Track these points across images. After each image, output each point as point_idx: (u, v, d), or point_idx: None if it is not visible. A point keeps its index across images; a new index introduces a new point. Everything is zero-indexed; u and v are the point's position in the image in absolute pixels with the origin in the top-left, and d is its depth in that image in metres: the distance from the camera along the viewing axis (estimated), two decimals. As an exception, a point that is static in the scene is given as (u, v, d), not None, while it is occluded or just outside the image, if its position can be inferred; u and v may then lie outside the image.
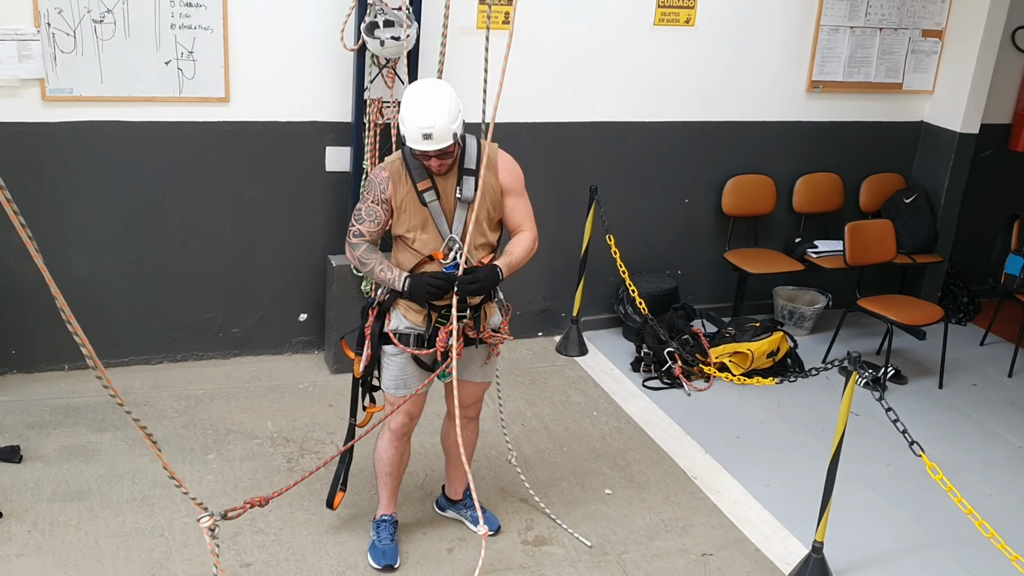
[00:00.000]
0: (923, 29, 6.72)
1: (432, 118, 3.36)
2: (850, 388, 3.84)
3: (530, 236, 3.73)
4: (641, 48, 6.00)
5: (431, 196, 3.57)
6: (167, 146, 5.18)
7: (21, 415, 4.91)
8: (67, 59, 4.82)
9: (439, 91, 3.44)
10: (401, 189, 3.59)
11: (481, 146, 3.62)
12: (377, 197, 3.62)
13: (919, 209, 6.82)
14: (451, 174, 3.58)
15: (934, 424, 5.61)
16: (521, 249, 3.69)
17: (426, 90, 3.47)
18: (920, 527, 4.62)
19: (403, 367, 3.75)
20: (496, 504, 4.42)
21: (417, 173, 3.57)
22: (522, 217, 3.74)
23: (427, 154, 3.44)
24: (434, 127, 3.36)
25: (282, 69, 5.26)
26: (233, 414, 5.11)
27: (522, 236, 3.73)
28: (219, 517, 3.09)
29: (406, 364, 3.75)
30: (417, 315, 3.67)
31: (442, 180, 3.58)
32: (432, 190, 3.57)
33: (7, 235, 4.92)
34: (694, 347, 5.93)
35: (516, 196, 3.72)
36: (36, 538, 3.99)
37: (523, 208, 3.75)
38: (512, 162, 3.72)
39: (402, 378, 3.76)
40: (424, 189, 3.57)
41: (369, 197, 3.63)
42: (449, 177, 3.58)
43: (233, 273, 5.55)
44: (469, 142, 3.60)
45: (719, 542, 4.38)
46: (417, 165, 3.56)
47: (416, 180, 3.57)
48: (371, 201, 3.63)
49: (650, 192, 6.39)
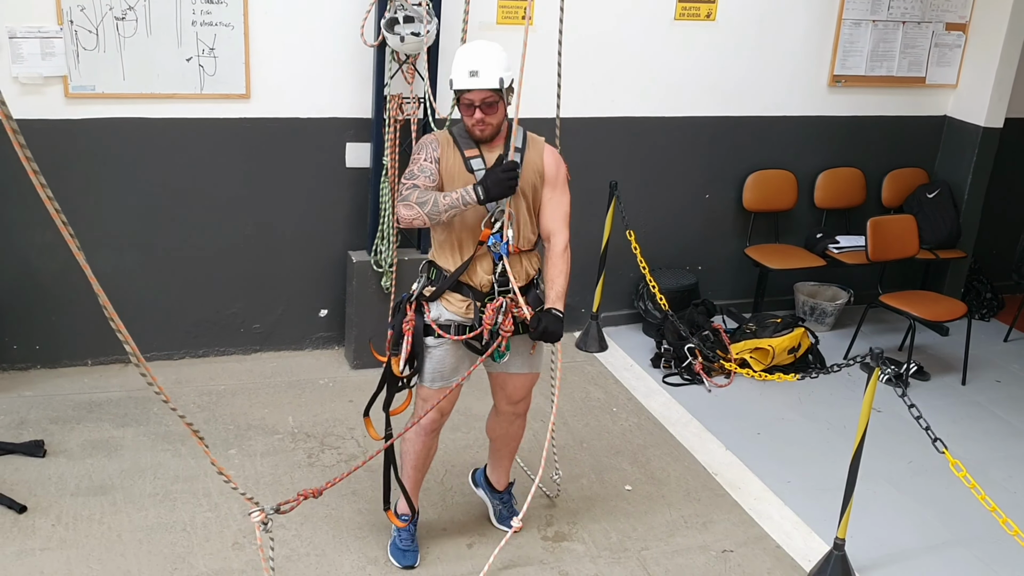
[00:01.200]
0: (946, 22, 6.65)
1: (481, 58, 3.42)
2: (872, 384, 3.82)
3: (563, 250, 3.67)
4: (662, 43, 5.98)
5: (479, 164, 3.57)
6: (188, 143, 5.21)
7: (45, 410, 4.96)
8: (90, 56, 4.85)
9: (491, 44, 3.51)
10: (450, 155, 3.61)
11: (527, 134, 3.67)
12: (430, 155, 3.61)
13: (942, 204, 6.76)
14: (497, 146, 3.57)
15: (957, 421, 5.57)
16: (564, 271, 3.65)
17: (477, 43, 3.54)
18: (943, 524, 4.59)
19: (442, 359, 3.72)
20: (516, 500, 4.42)
21: (464, 142, 3.60)
22: (559, 220, 3.68)
23: (472, 103, 3.45)
24: (482, 65, 3.40)
25: (302, 65, 5.27)
26: (254, 409, 5.13)
27: (556, 259, 3.66)
28: (271, 511, 3.01)
29: (445, 356, 3.71)
30: (460, 304, 3.65)
31: (488, 151, 3.59)
32: (480, 159, 3.58)
33: (31, 233, 5.01)
34: (714, 343, 5.91)
35: (555, 189, 3.67)
36: (60, 532, 4.03)
37: (561, 208, 3.68)
38: (557, 155, 3.71)
39: (440, 370, 3.72)
40: (471, 156, 3.58)
41: (421, 156, 3.62)
42: (495, 148, 3.58)
43: (254, 269, 5.58)
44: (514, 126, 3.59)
45: (740, 539, 4.36)
46: (463, 135, 3.59)
47: (463, 148, 3.59)
48: (423, 159, 3.61)
49: (670, 188, 6.37)
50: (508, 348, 3.66)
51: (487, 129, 3.52)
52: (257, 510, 2.95)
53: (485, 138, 3.56)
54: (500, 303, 3.58)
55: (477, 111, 3.47)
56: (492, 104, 3.46)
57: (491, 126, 3.52)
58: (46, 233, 5.00)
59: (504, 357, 3.67)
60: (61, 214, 2.00)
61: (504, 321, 3.58)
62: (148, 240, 5.30)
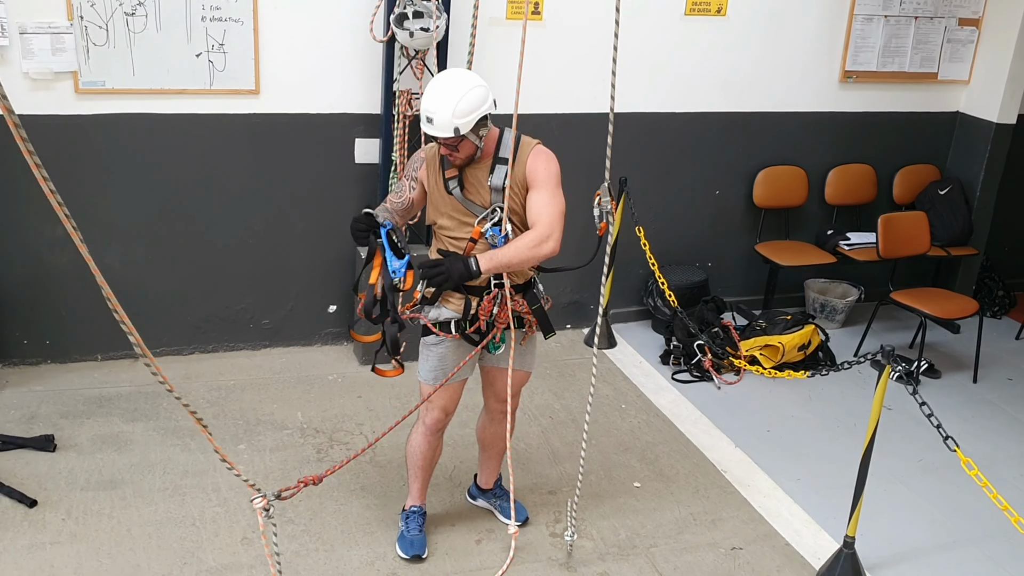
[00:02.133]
0: (959, 18, 6.61)
1: (436, 105, 3.37)
2: (883, 382, 3.80)
3: (532, 234, 3.46)
4: (672, 38, 5.95)
5: (454, 184, 3.59)
6: (198, 138, 5.21)
7: (55, 405, 4.97)
8: (100, 52, 4.86)
9: (456, 82, 3.42)
10: (432, 174, 3.64)
11: (521, 140, 3.58)
12: (409, 173, 3.71)
13: (954, 201, 6.73)
14: (482, 165, 3.56)
15: (968, 419, 5.54)
16: (514, 245, 3.46)
17: (445, 78, 3.47)
18: (953, 523, 4.57)
19: (443, 357, 3.75)
20: (524, 496, 4.42)
21: (447, 161, 3.59)
22: (537, 211, 3.50)
23: (436, 140, 3.48)
24: (436, 114, 3.37)
25: (312, 61, 5.27)
26: (263, 405, 5.14)
27: (525, 233, 3.50)
28: (272, 498, 3.04)
29: (446, 354, 3.74)
30: (459, 302, 3.65)
31: (473, 170, 3.58)
32: (456, 179, 3.59)
33: (41, 227, 5.02)
34: (724, 340, 5.89)
35: (537, 190, 3.53)
36: (70, 526, 4.04)
37: (540, 201, 3.51)
38: (544, 156, 3.57)
39: (441, 368, 3.75)
40: (450, 177, 3.60)
41: (403, 172, 3.74)
42: (480, 168, 3.57)
43: (263, 264, 5.58)
44: (506, 135, 3.57)
45: (749, 536, 4.35)
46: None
47: (445, 167, 3.60)
48: (405, 175, 3.73)
49: (680, 184, 6.35)
50: (503, 339, 3.71)
51: (456, 160, 3.53)
52: (259, 496, 3.00)
53: (459, 166, 3.56)
54: (496, 294, 3.61)
55: (443, 147, 3.49)
56: (453, 145, 3.45)
57: (459, 158, 3.51)
58: (56, 228, 5.01)
59: (499, 349, 3.74)
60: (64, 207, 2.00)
61: (500, 312, 3.62)
62: (157, 235, 5.31)
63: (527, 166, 3.54)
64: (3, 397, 5.01)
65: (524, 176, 3.55)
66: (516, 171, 3.54)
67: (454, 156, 3.50)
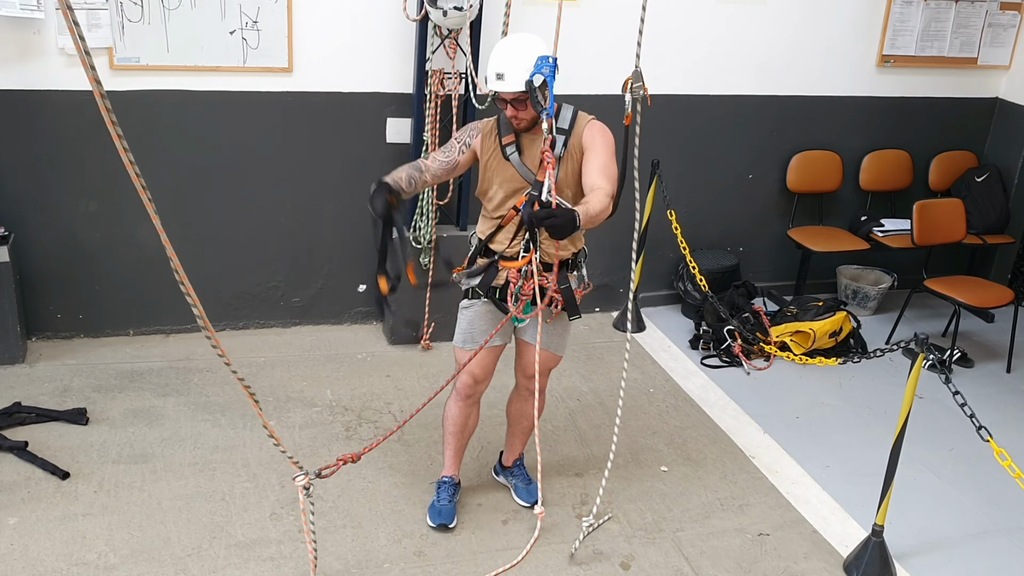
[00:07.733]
0: (1001, 2, 6.50)
1: (507, 61, 3.44)
2: (916, 370, 3.75)
3: (603, 193, 3.41)
4: (707, 20, 5.89)
5: (511, 149, 3.64)
6: (231, 115, 5.23)
7: (88, 378, 5.03)
8: (134, 28, 4.88)
9: (523, 40, 3.51)
10: (488, 144, 3.69)
11: (577, 114, 3.66)
12: (463, 138, 3.74)
13: (991, 188, 6.63)
14: (539, 133, 3.54)
15: (1001, 409, 5.47)
16: (596, 201, 3.35)
17: (514, 38, 3.55)
18: (984, 513, 4.52)
19: (472, 320, 3.82)
20: (551, 478, 4.42)
21: (505, 128, 3.65)
22: (596, 172, 3.50)
23: (504, 99, 3.50)
24: (507, 69, 3.42)
25: (345, 39, 5.26)
26: (293, 382, 5.17)
27: (596, 191, 3.46)
28: (314, 476, 3.14)
29: (475, 318, 3.81)
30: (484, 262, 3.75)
31: (529, 139, 3.62)
32: (514, 144, 3.64)
33: (75, 202, 5.07)
34: (754, 325, 5.85)
35: (595, 153, 3.56)
36: (101, 498, 4.09)
37: (598, 163, 3.51)
38: (600, 127, 3.63)
39: (470, 331, 3.83)
40: (508, 143, 3.65)
41: (458, 135, 3.76)
42: (537, 136, 3.57)
43: (294, 243, 5.61)
44: (565, 110, 3.64)
45: (776, 522, 4.33)
46: (506, 122, 3.63)
47: (503, 134, 3.66)
48: (456, 139, 3.75)
49: (713, 167, 6.30)
50: (527, 311, 3.71)
51: (521, 123, 3.58)
52: (301, 474, 3.07)
53: (522, 130, 3.62)
54: (523, 265, 3.61)
55: (509, 107, 3.53)
56: (523, 102, 3.50)
57: (525, 120, 3.56)
58: (90, 204, 5.05)
59: (523, 322, 3.77)
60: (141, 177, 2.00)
61: (525, 285, 3.63)
62: (191, 212, 5.34)
63: (583, 136, 3.61)
64: (37, 370, 5.08)
65: (580, 145, 3.60)
66: (572, 141, 3.61)
67: (519, 119, 3.55)
